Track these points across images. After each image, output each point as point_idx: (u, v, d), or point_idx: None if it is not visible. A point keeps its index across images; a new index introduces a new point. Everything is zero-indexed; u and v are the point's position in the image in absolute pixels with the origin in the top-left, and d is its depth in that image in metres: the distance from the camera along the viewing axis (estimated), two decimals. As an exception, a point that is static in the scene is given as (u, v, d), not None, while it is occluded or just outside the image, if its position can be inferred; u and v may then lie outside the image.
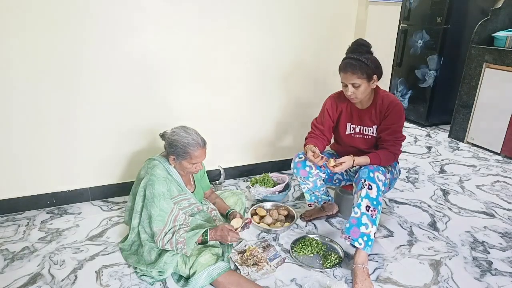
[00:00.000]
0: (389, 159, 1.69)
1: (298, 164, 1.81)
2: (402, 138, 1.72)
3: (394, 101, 1.69)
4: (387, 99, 1.70)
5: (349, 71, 1.60)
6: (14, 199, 2.05)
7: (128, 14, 1.91)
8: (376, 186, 1.57)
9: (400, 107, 1.69)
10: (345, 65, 1.62)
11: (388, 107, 1.68)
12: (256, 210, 2.04)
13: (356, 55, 1.60)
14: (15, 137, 1.93)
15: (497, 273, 1.64)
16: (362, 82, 1.61)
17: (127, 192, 1.80)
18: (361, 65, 1.58)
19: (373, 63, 1.61)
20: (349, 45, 1.68)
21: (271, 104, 2.46)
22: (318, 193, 1.89)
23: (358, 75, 1.59)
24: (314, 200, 1.92)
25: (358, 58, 1.59)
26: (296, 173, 1.82)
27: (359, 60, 1.58)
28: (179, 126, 1.58)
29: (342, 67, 1.64)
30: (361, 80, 1.60)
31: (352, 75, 1.60)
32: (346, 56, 1.65)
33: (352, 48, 1.66)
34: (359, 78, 1.60)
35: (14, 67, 1.81)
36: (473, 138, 3.29)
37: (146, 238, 1.57)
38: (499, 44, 3.07)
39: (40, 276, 1.57)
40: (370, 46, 1.65)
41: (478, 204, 2.26)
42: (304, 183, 1.85)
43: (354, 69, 1.59)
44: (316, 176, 1.83)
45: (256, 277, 1.55)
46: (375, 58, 1.64)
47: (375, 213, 1.57)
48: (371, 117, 1.74)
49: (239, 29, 2.18)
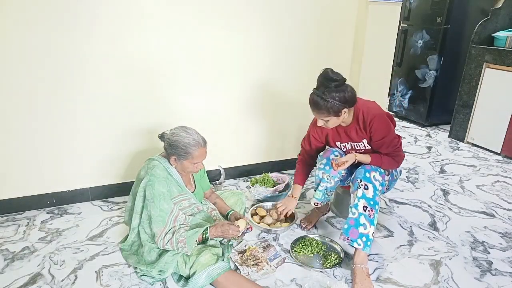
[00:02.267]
0: (392, 165, 1.68)
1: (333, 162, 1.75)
2: (400, 143, 1.70)
3: (375, 114, 1.62)
4: (367, 113, 1.63)
5: (314, 109, 1.58)
6: (14, 199, 2.05)
7: (128, 14, 1.91)
8: (373, 186, 1.57)
9: (382, 117, 1.63)
10: (311, 101, 1.57)
11: (371, 122, 1.62)
12: (256, 210, 2.04)
13: (321, 93, 1.52)
14: (15, 137, 1.93)
15: (497, 273, 1.64)
16: (330, 118, 1.58)
17: (127, 192, 1.80)
18: (325, 104, 1.52)
19: (341, 100, 1.52)
20: (319, 74, 1.57)
21: (271, 104, 2.46)
22: (329, 194, 1.85)
23: (324, 114, 1.56)
24: (323, 200, 1.85)
25: (323, 97, 1.52)
26: (328, 171, 1.76)
27: (324, 100, 1.52)
28: (178, 126, 1.58)
29: (309, 103, 1.59)
30: (328, 117, 1.58)
31: (318, 113, 1.58)
32: (313, 92, 1.58)
33: (320, 81, 1.56)
34: (326, 116, 1.57)
35: (14, 67, 1.81)
36: (473, 138, 3.29)
37: (146, 239, 1.57)
38: (499, 44, 3.07)
39: (40, 276, 1.57)
40: (339, 78, 1.53)
41: (478, 204, 2.26)
42: (327, 181, 1.78)
43: (320, 108, 1.54)
44: (340, 177, 1.81)
45: (256, 277, 1.55)
46: (346, 89, 1.53)
47: (372, 213, 1.57)
48: (357, 132, 1.70)
49: (240, 29, 2.18)
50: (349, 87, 1.56)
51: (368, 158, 1.66)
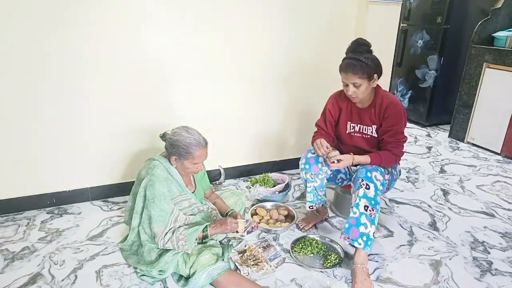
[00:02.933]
0: (391, 161, 1.69)
1: (311, 159, 1.79)
2: (404, 140, 1.72)
3: (393, 102, 1.69)
4: (387, 99, 1.70)
5: (349, 71, 1.61)
6: (14, 199, 2.05)
7: (129, 14, 1.91)
8: (374, 186, 1.57)
9: (399, 107, 1.68)
10: (345, 65, 1.63)
11: (387, 108, 1.68)
12: (256, 210, 2.04)
13: (356, 55, 1.60)
14: (15, 137, 1.93)
15: (497, 273, 1.64)
16: (363, 81, 1.62)
17: (127, 192, 1.80)
18: (361, 65, 1.58)
19: (373, 62, 1.61)
20: (349, 44, 1.68)
21: (271, 104, 2.46)
22: (320, 193, 1.86)
23: (359, 75, 1.60)
24: (316, 201, 1.87)
25: (358, 58, 1.59)
26: (308, 169, 1.79)
27: (359, 60, 1.59)
28: (180, 126, 1.58)
29: (343, 67, 1.64)
30: (361, 80, 1.61)
31: (352, 75, 1.61)
32: (346, 56, 1.65)
33: (352, 47, 1.66)
34: (360, 78, 1.60)
35: (14, 67, 1.81)
36: (473, 138, 3.29)
37: (146, 239, 1.57)
38: (499, 44, 3.07)
39: (40, 276, 1.57)
40: (370, 45, 1.65)
41: (478, 204, 2.26)
42: (312, 181, 1.81)
43: (355, 69, 1.59)
44: (325, 174, 1.82)
45: (256, 277, 1.55)
46: (375, 57, 1.64)
47: (373, 212, 1.57)
48: (371, 116, 1.73)
49: (240, 29, 2.18)
50: (376, 57, 1.65)
51: (367, 158, 1.66)
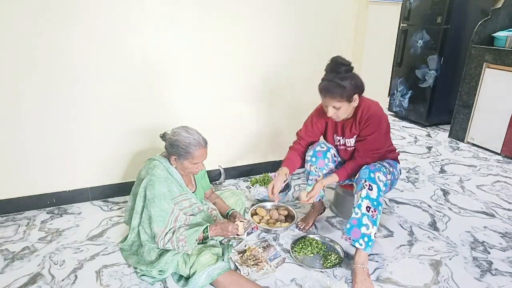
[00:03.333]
0: (356, 171, 1.68)
1: (319, 153, 1.79)
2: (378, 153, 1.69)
3: (374, 113, 1.63)
4: (367, 111, 1.64)
5: (327, 95, 1.56)
6: (14, 199, 2.05)
7: (129, 14, 1.91)
8: (377, 187, 1.57)
9: (377, 118, 1.63)
10: (323, 88, 1.57)
11: (367, 119, 1.64)
12: (256, 210, 2.04)
13: (334, 77, 1.53)
14: (15, 137, 1.93)
15: (497, 273, 1.64)
16: (342, 104, 1.58)
17: (127, 192, 1.80)
18: (339, 88, 1.53)
19: (353, 84, 1.54)
20: (328, 62, 1.59)
21: (271, 104, 2.46)
22: None
23: (337, 99, 1.55)
24: None
25: (336, 81, 1.53)
26: (314, 162, 1.79)
27: (337, 84, 1.52)
28: (180, 126, 1.58)
29: (321, 90, 1.58)
30: (340, 103, 1.57)
31: (331, 99, 1.56)
32: (324, 78, 1.59)
33: (330, 67, 1.58)
34: (339, 101, 1.56)
35: (14, 67, 1.81)
36: (473, 138, 3.29)
37: (146, 239, 1.57)
38: (499, 44, 3.07)
39: (40, 276, 1.57)
40: (349, 63, 1.57)
41: (478, 204, 2.26)
42: (315, 174, 1.81)
43: (333, 93, 1.54)
44: (330, 170, 1.82)
45: (256, 277, 1.55)
46: (355, 76, 1.57)
47: (375, 213, 1.57)
48: (351, 128, 1.72)
49: (240, 29, 2.18)
50: (357, 74, 1.59)
51: (335, 177, 1.70)
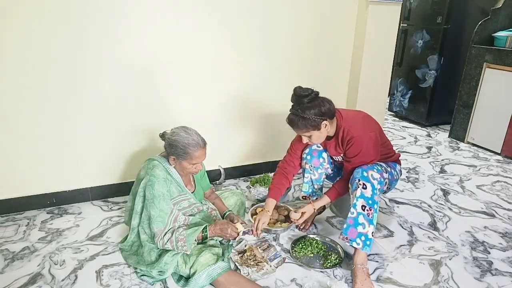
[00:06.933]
0: (346, 189, 1.73)
1: (315, 152, 1.82)
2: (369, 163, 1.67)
3: (353, 137, 1.62)
4: (347, 132, 1.64)
5: (294, 127, 1.61)
6: (14, 199, 2.05)
7: (128, 14, 1.91)
8: (371, 185, 1.58)
9: (359, 139, 1.61)
10: (289, 122, 1.61)
11: (348, 141, 1.64)
12: (256, 210, 2.04)
13: (298, 110, 1.55)
14: (15, 137, 1.93)
15: (497, 273, 1.64)
16: (312, 133, 1.60)
17: (127, 192, 1.80)
18: (302, 120, 1.54)
19: (317, 113, 1.54)
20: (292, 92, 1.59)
21: (271, 104, 2.46)
22: (316, 187, 1.91)
23: (303, 130, 1.59)
24: (310, 192, 1.92)
25: (299, 115, 1.54)
26: (309, 160, 1.82)
27: (300, 116, 1.54)
28: (179, 126, 1.58)
29: (288, 123, 1.61)
30: (309, 132, 1.60)
31: (298, 130, 1.62)
32: (290, 111, 1.60)
33: (293, 99, 1.59)
34: (306, 131, 1.59)
35: (14, 67, 1.81)
36: (473, 138, 3.29)
37: (146, 239, 1.57)
38: (499, 44, 3.07)
39: (40, 276, 1.57)
40: (310, 93, 1.54)
41: (478, 204, 2.26)
42: (310, 172, 1.85)
43: (298, 125, 1.57)
44: (325, 169, 1.85)
45: (256, 277, 1.55)
46: (320, 103, 1.55)
47: (371, 212, 1.57)
48: (336, 147, 1.74)
49: (240, 29, 2.18)
50: (324, 99, 1.59)
51: (326, 199, 1.75)
